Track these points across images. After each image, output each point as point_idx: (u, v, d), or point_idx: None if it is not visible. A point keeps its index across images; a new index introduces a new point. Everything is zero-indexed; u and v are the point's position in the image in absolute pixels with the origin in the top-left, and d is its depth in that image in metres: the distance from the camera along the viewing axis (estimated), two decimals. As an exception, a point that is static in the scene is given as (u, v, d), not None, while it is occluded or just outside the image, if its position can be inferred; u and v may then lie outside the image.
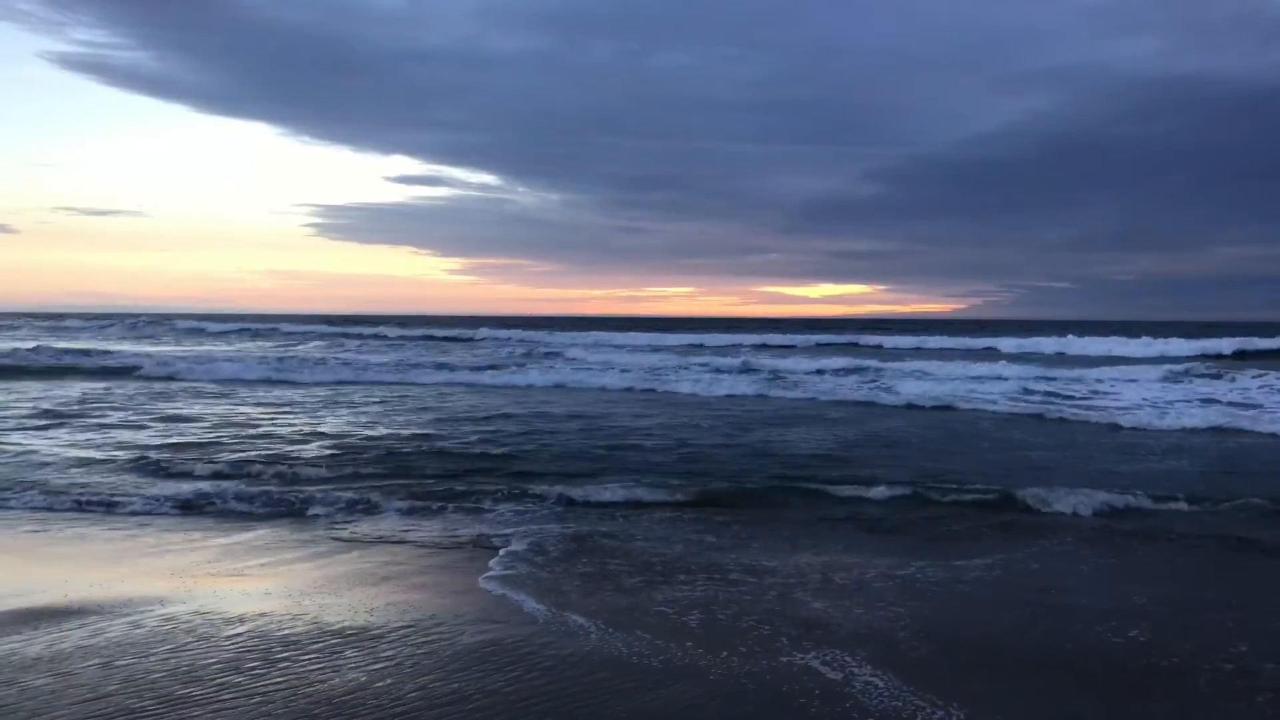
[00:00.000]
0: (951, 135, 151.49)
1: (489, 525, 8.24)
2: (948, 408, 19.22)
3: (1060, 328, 64.87)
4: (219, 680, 4.51)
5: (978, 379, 25.71)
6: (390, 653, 4.95)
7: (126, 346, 41.96)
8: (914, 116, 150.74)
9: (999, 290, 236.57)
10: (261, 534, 7.95)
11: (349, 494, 9.42)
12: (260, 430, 14.34)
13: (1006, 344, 47.39)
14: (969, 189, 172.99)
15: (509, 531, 7.96)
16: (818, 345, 52.64)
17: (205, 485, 9.88)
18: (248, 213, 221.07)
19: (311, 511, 8.80)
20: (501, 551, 7.28)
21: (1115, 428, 16.08)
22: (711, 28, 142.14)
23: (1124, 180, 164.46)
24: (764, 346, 49.58)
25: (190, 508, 8.91)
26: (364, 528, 8.18)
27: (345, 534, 7.93)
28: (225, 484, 9.92)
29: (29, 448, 12.23)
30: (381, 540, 7.72)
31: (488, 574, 6.64)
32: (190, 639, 5.10)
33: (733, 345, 48.83)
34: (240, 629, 5.28)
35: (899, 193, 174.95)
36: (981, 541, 7.77)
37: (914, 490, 9.64)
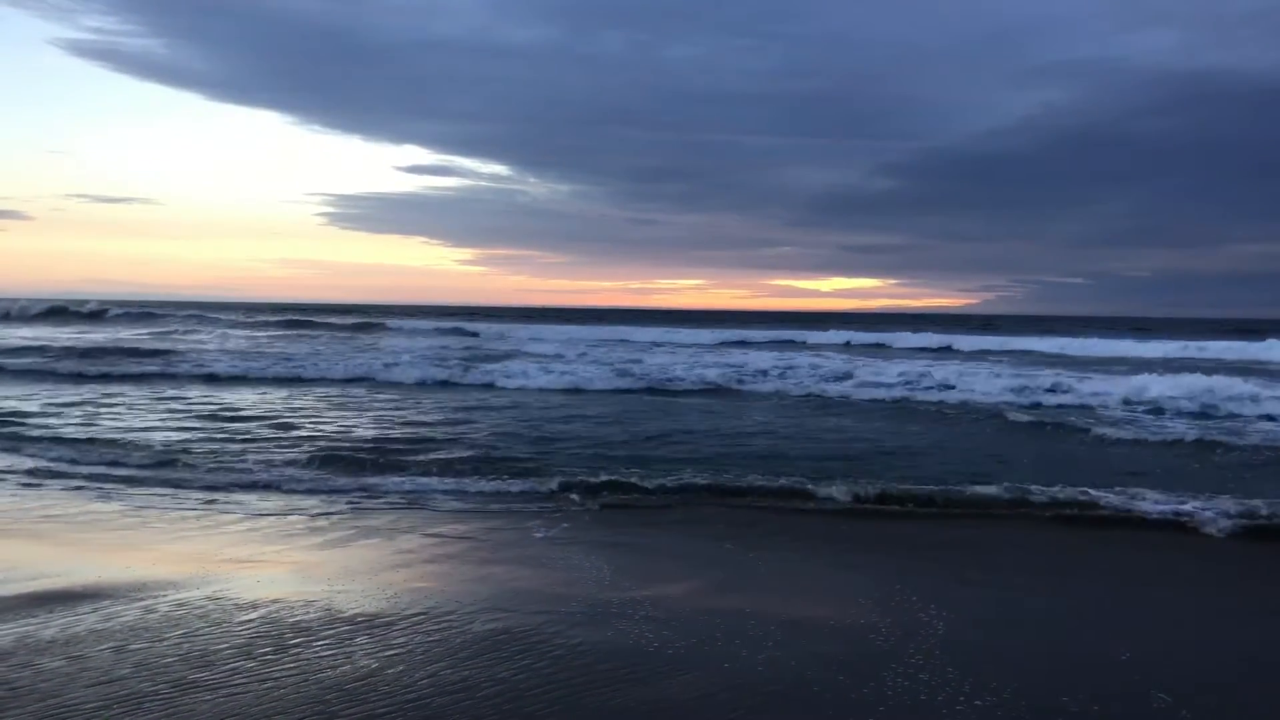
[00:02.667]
0: (965, 129, 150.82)
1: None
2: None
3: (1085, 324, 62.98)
4: (230, 665, 4.53)
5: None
6: (402, 640, 4.96)
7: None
8: (928, 110, 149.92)
9: (1011, 285, 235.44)
10: (275, 520, 7.98)
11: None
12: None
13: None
14: (982, 183, 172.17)
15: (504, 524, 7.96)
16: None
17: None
18: (260, 202, 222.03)
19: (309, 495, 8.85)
20: (513, 541, 7.31)
21: None
22: (724, 19, 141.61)
23: (1139, 175, 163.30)
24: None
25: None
26: (377, 517, 8.22)
27: (357, 522, 7.96)
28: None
29: None
30: (394, 529, 7.75)
31: (498, 563, 6.67)
32: (203, 624, 5.12)
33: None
34: (253, 615, 5.30)
35: (912, 186, 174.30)
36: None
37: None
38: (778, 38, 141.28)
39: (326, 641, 4.90)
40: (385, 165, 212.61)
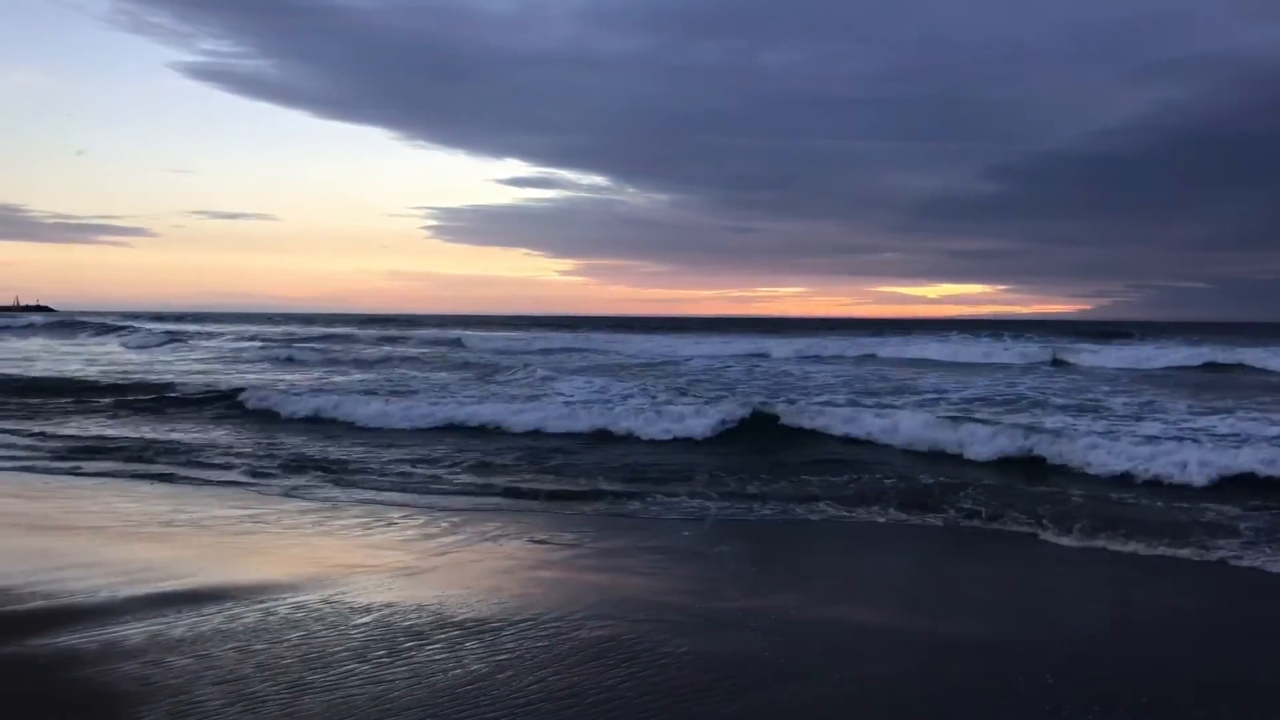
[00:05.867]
0: (1077, 130, 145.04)
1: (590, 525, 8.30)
2: None
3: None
4: (345, 668, 4.64)
5: None
6: (511, 645, 5.01)
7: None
8: (1036, 111, 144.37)
9: (1126, 290, 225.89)
10: (388, 526, 8.18)
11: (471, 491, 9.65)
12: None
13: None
14: (1095, 185, 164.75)
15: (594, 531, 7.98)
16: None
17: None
18: (368, 215, 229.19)
19: (444, 505, 9.06)
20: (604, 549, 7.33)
21: None
22: (819, 24, 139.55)
23: (1264, 175, 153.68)
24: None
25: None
26: (484, 524, 8.36)
27: (469, 529, 8.11)
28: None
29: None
30: (501, 535, 7.86)
31: (603, 570, 6.69)
32: (319, 626, 5.27)
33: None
34: (367, 618, 5.43)
35: (1020, 190, 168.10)
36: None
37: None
38: (875, 41, 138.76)
39: (438, 646, 4.98)
40: (486, 178, 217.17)
